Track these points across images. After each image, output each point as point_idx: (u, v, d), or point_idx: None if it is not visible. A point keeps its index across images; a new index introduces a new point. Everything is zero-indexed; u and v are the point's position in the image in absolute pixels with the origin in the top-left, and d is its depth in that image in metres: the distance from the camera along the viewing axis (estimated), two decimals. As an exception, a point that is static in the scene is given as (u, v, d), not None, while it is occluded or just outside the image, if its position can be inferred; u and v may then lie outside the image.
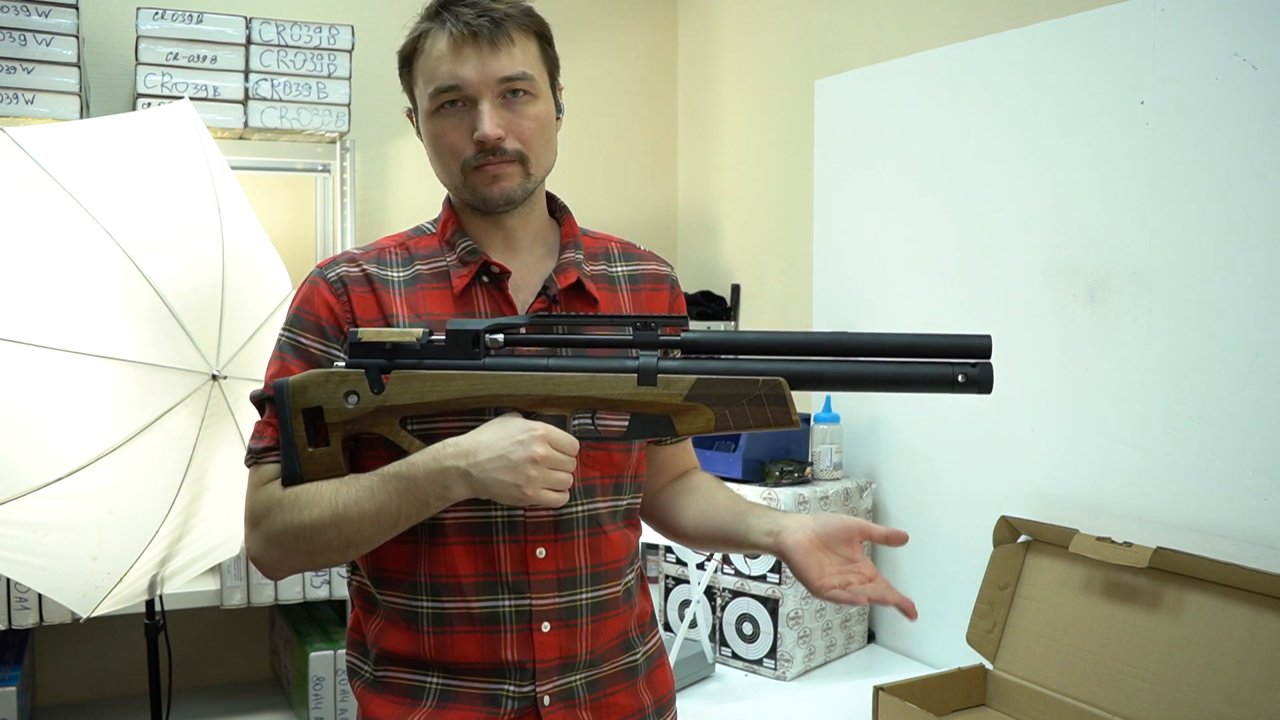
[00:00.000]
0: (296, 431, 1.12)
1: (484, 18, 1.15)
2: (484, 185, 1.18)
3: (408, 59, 1.23)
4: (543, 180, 1.24)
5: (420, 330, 1.11)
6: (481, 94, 1.16)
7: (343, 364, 1.13)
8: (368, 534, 1.11)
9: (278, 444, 1.16)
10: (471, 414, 1.13)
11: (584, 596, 1.20)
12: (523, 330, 1.14)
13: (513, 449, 1.05)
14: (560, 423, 1.10)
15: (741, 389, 1.08)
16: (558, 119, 1.25)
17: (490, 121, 1.15)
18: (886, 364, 1.08)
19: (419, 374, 1.11)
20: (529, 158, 1.19)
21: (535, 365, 1.11)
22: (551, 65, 1.23)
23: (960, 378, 1.05)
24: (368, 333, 1.12)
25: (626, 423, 1.13)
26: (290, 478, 1.13)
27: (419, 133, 1.26)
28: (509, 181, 1.18)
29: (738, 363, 1.10)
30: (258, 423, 1.20)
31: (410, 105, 1.27)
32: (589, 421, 1.17)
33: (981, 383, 1.05)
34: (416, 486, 1.09)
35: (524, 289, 1.23)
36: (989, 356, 1.05)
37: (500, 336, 1.11)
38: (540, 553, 1.17)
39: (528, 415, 1.10)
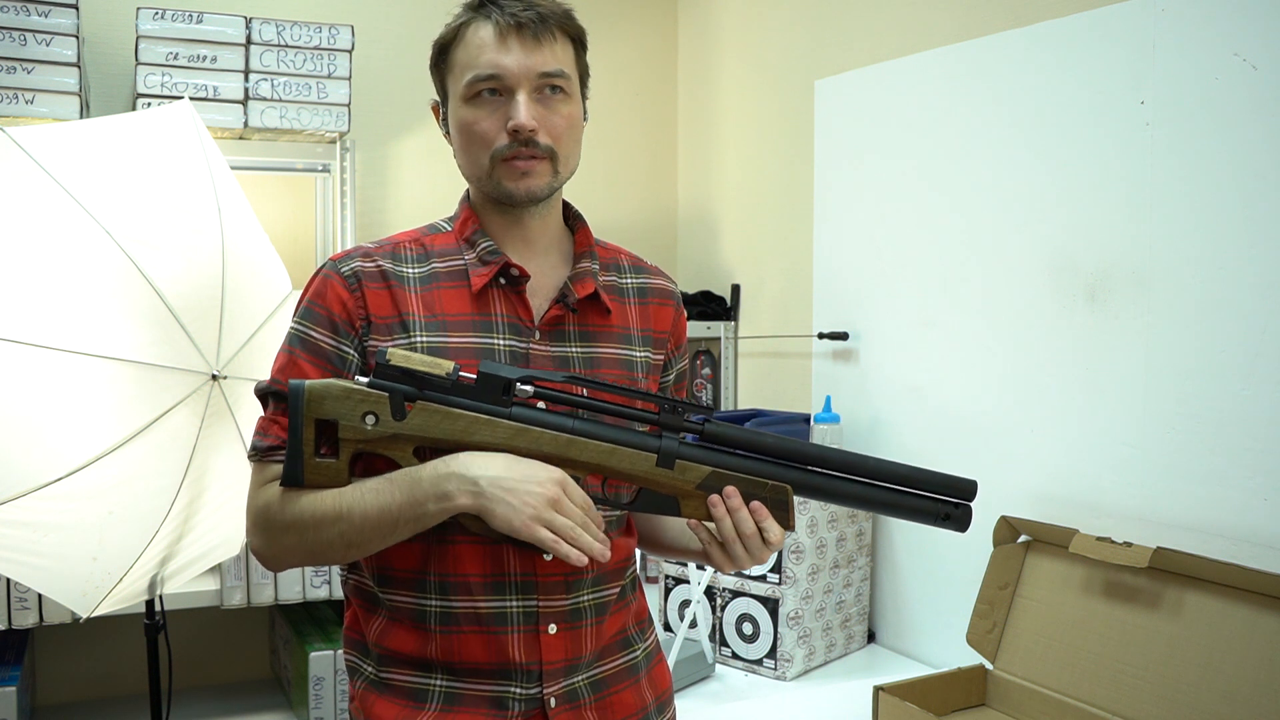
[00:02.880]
0: (306, 439, 1.10)
1: (530, 11, 1.16)
2: (511, 180, 1.18)
3: (445, 48, 1.22)
4: (565, 182, 1.24)
5: (451, 364, 1.10)
6: (520, 85, 1.16)
7: (365, 380, 1.11)
8: (368, 535, 1.11)
9: (283, 442, 1.15)
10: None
11: (587, 598, 1.21)
12: (579, 391, 1.15)
13: (529, 480, 1.07)
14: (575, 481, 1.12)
15: (750, 488, 1.14)
16: (583, 123, 1.26)
17: (526, 112, 1.15)
18: (883, 489, 1.17)
19: (443, 410, 1.10)
20: (559, 155, 1.19)
21: (560, 425, 1.12)
22: (584, 71, 1.24)
23: (945, 514, 1.17)
24: (398, 355, 1.10)
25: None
26: (290, 481, 1.12)
27: (444, 125, 1.25)
28: (537, 179, 1.18)
29: (750, 462, 1.15)
30: (262, 418, 1.19)
31: (437, 98, 1.26)
32: (598, 488, 1.20)
33: (960, 522, 1.17)
34: (419, 488, 1.08)
35: (539, 293, 1.23)
36: (972, 499, 1.17)
37: (530, 388, 1.12)
38: (548, 555, 1.17)
39: None
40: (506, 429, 1.11)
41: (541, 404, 1.15)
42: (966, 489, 1.16)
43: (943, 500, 1.16)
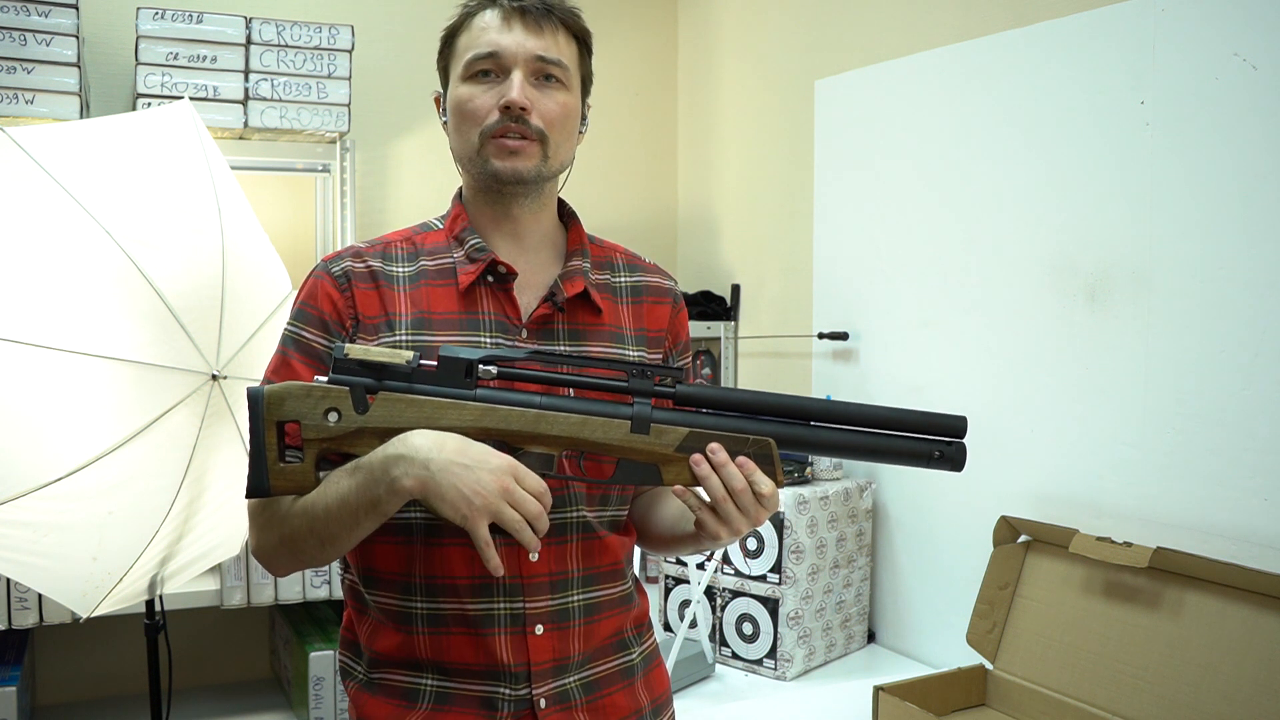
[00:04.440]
0: (268, 444, 1.07)
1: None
2: (499, 158, 1.17)
3: (452, 36, 1.23)
4: (557, 175, 1.23)
5: (411, 353, 1.09)
6: (516, 63, 1.17)
7: (324, 378, 1.09)
8: (334, 529, 1.08)
9: None
10: None
11: (576, 598, 1.20)
12: (564, 369, 1.14)
13: (481, 465, 1.02)
14: (548, 461, 1.09)
15: (732, 445, 1.10)
16: (581, 130, 1.26)
17: (520, 89, 1.16)
18: (869, 434, 1.12)
19: (406, 398, 1.08)
20: (550, 141, 1.19)
21: (527, 401, 1.09)
22: (586, 74, 1.25)
23: (936, 453, 1.12)
24: (355, 350, 1.08)
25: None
26: (256, 491, 1.09)
27: (443, 115, 1.25)
28: (524, 160, 1.17)
29: (729, 420, 1.12)
30: None
31: (440, 90, 1.27)
32: (576, 465, 1.17)
33: (954, 460, 1.12)
34: (371, 474, 1.05)
35: (528, 291, 1.22)
36: (964, 436, 1.12)
37: (494, 368, 1.09)
38: (533, 555, 1.16)
39: (513, 450, 1.08)
40: (473, 410, 1.08)
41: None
42: (956, 426, 1.11)
43: (933, 440, 1.12)
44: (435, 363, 1.09)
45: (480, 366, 1.09)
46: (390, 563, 1.17)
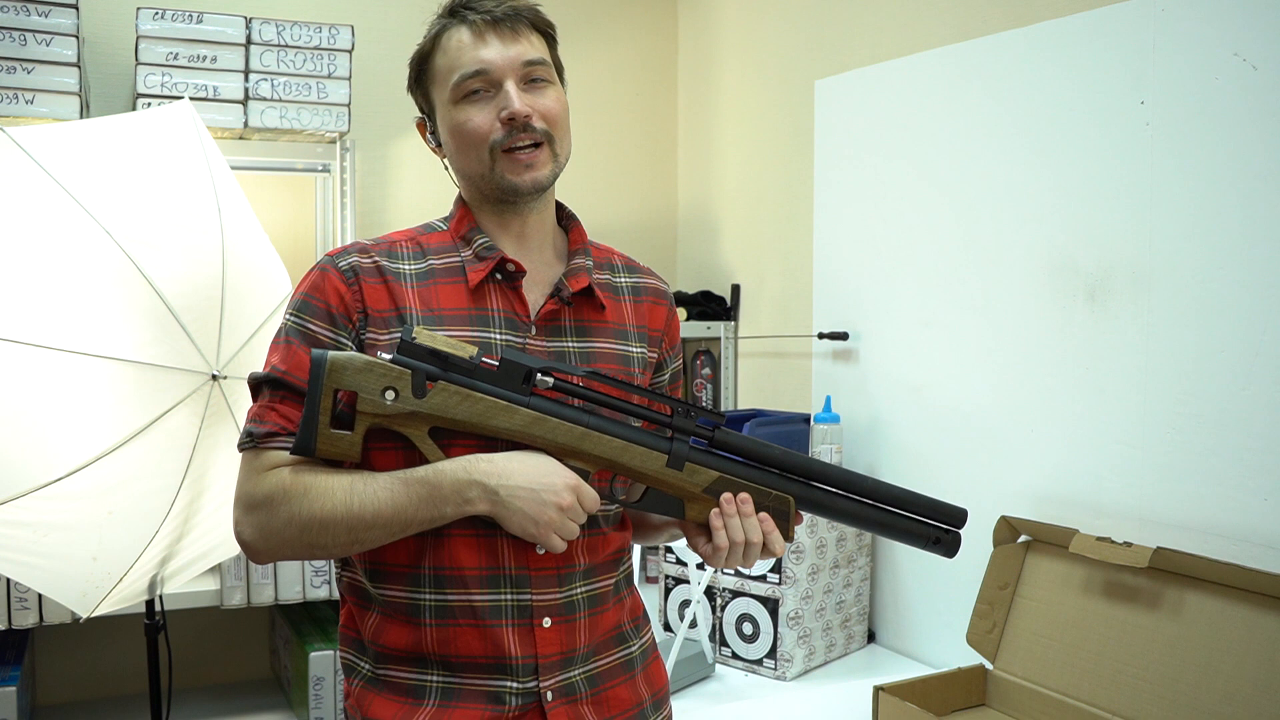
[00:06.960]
0: (323, 408, 1.11)
1: (502, 7, 1.20)
2: (514, 173, 1.20)
3: (424, 60, 1.25)
4: (560, 172, 1.26)
5: (474, 348, 1.13)
6: (506, 75, 1.19)
7: (387, 356, 1.12)
8: (378, 535, 1.12)
9: (282, 429, 1.15)
10: (491, 441, 1.15)
11: (579, 591, 1.22)
12: (577, 381, 1.17)
13: (545, 489, 1.10)
14: (583, 475, 1.14)
15: (755, 496, 1.18)
16: None
17: (519, 99, 1.18)
18: (879, 509, 1.22)
19: (464, 392, 1.12)
20: (555, 139, 1.22)
21: (576, 419, 1.14)
22: (559, 65, 1.28)
23: (936, 538, 1.23)
24: (423, 335, 1.12)
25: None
26: (302, 450, 1.12)
27: (431, 139, 1.28)
28: (540, 169, 1.21)
29: (755, 471, 1.19)
30: (255, 406, 1.18)
31: (421, 114, 1.29)
32: (605, 483, 1.22)
33: (949, 547, 1.23)
34: (440, 494, 1.11)
35: (535, 289, 1.24)
36: (962, 526, 1.23)
37: (550, 379, 1.14)
38: (541, 549, 1.18)
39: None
40: (524, 416, 1.12)
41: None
42: (957, 515, 1.22)
43: (933, 525, 1.22)
44: (496, 362, 1.13)
45: (539, 375, 1.13)
46: (400, 556, 1.18)
